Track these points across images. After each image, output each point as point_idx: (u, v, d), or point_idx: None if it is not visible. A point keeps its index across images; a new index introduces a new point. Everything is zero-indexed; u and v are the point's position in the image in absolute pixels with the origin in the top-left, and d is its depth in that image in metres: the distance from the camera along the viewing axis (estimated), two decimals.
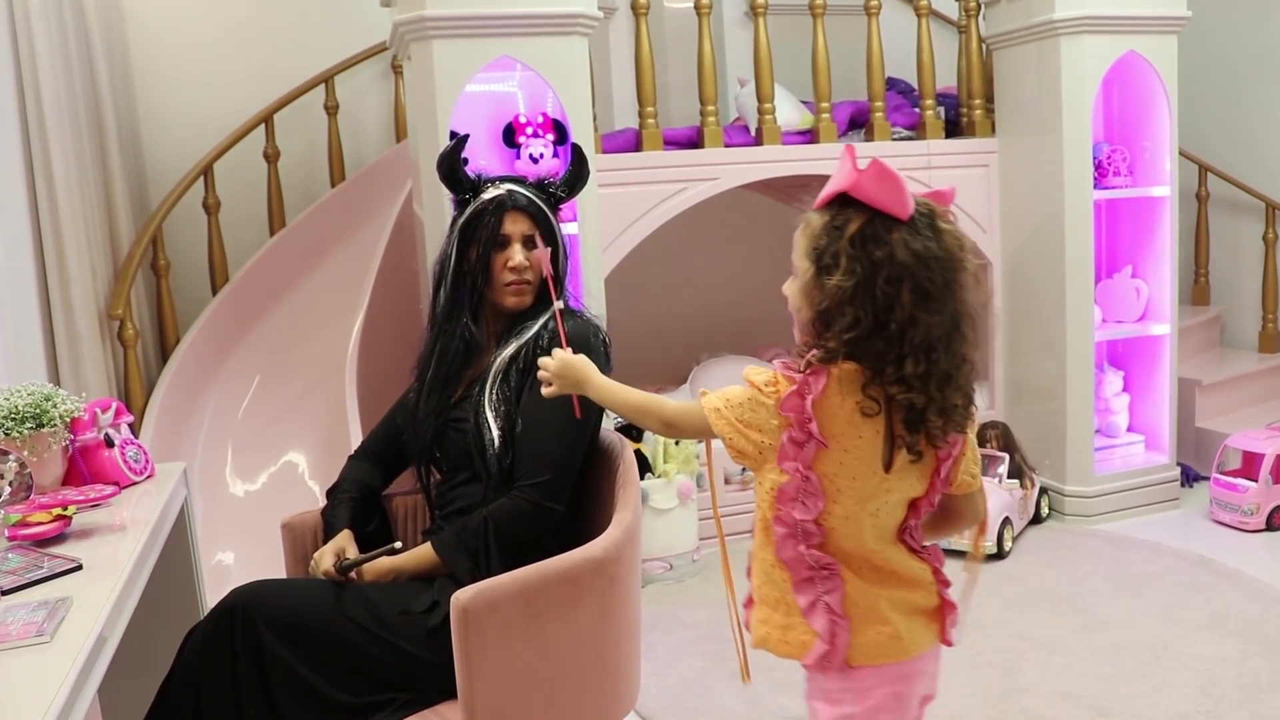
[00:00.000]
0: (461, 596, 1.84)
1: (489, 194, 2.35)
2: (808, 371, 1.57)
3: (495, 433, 2.23)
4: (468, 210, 2.36)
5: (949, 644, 1.77)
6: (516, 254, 2.32)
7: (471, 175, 2.40)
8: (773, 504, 1.66)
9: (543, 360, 1.90)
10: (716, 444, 1.69)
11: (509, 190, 2.36)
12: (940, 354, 1.55)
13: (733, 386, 1.66)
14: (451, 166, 2.38)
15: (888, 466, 1.61)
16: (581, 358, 1.89)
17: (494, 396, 2.26)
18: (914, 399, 1.55)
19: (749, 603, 1.78)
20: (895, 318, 1.52)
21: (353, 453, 2.56)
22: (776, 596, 1.70)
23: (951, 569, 1.77)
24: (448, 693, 2.04)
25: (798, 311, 1.63)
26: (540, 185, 2.43)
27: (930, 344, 1.54)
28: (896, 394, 1.55)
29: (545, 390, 1.90)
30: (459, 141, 2.43)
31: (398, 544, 2.20)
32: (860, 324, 1.53)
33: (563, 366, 1.88)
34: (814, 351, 1.58)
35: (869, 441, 1.59)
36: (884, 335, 1.53)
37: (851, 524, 1.64)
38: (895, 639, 1.67)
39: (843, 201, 1.57)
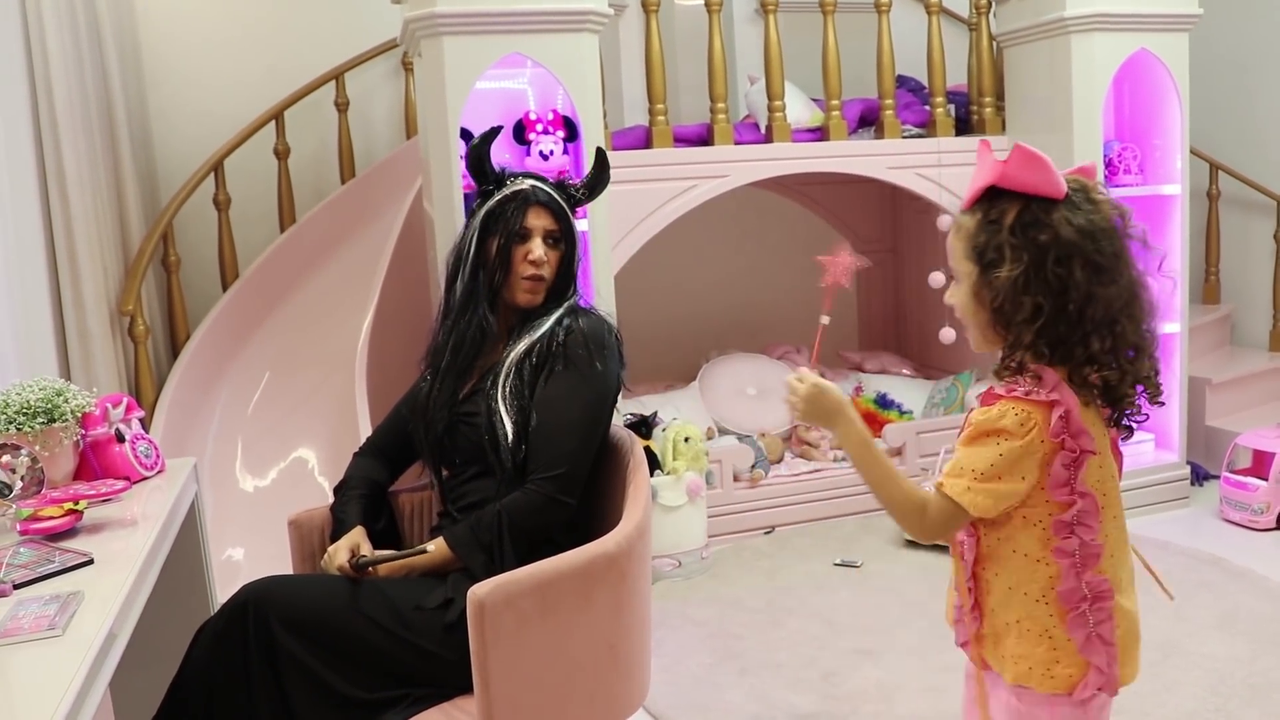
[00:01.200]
0: (479, 591, 1.85)
1: (513, 187, 2.37)
2: (1047, 387, 1.51)
3: (509, 426, 2.23)
4: (491, 200, 2.36)
5: None
6: (537, 248, 2.32)
7: (496, 168, 2.42)
8: (1048, 538, 1.57)
9: (791, 381, 1.67)
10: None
11: (533, 186, 2.37)
12: (1124, 324, 1.52)
13: (965, 453, 1.55)
14: (480, 157, 2.39)
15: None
16: (838, 391, 1.67)
17: (507, 390, 2.26)
18: (1108, 376, 1.52)
19: (979, 638, 1.68)
20: (1072, 298, 1.49)
21: (358, 450, 2.56)
22: (1038, 631, 1.59)
23: None
24: (462, 688, 2.04)
25: (972, 317, 1.59)
26: (561, 185, 2.44)
27: (1113, 317, 1.51)
28: (1089, 374, 1.52)
29: (792, 414, 1.69)
30: (490, 134, 2.46)
31: (429, 545, 2.20)
32: (1042, 310, 1.49)
33: (816, 392, 1.65)
34: (1021, 355, 1.53)
35: (1103, 433, 1.56)
36: (1065, 319, 1.50)
37: (1118, 528, 1.60)
38: (1138, 655, 1.65)
39: (991, 196, 1.54)
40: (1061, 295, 1.49)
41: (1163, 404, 1.61)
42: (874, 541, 4.22)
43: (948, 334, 4.35)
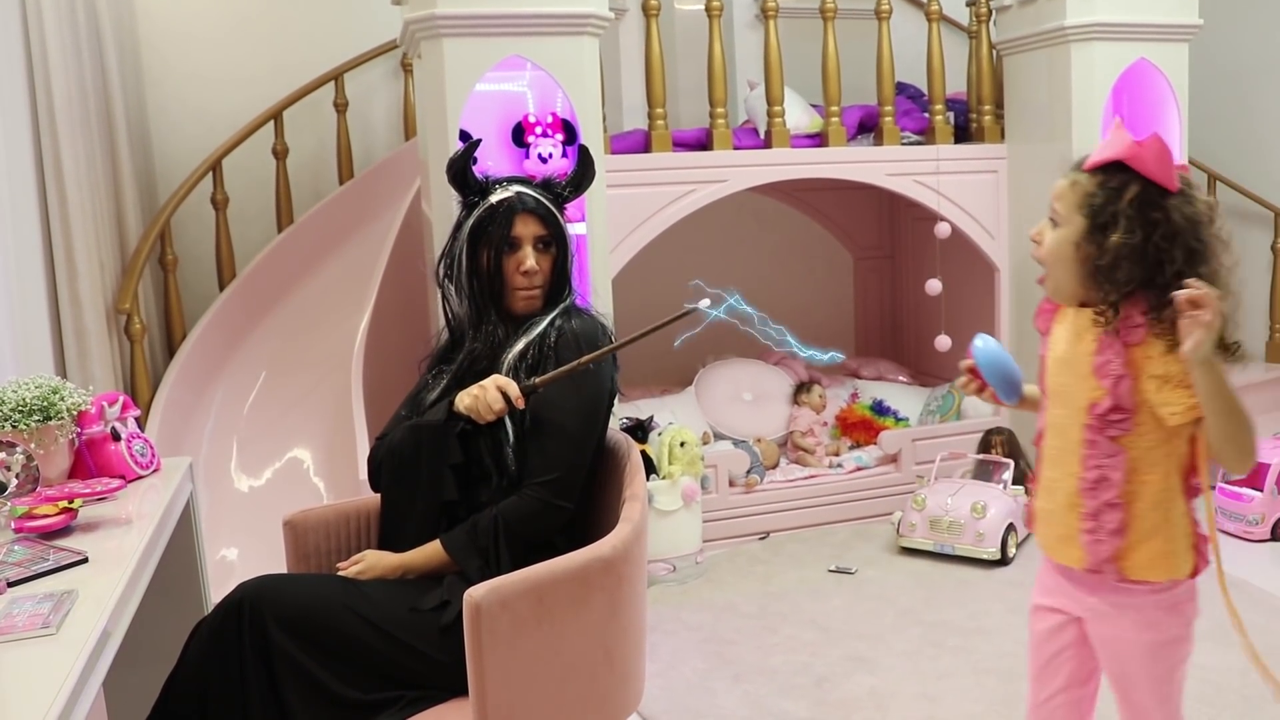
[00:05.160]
0: (475, 594, 1.84)
1: (497, 196, 2.34)
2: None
3: (509, 430, 2.22)
4: (476, 213, 2.35)
5: None
6: (529, 258, 2.31)
7: (479, 177, 2.39)
8: (1191, 428, 1.74)
9: (1204, 292, 1.58)
10: None
11: (518, 193, 2.35)
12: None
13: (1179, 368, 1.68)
14: (462, 170, 2.37)
15: None
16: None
17: None
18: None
19: (1119, 555, 1.78)
20: (1165, 273, 1.66)
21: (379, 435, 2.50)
22: (1158, 523, 1.76)
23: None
24: (456, 690, 2.04)
25: (1059, 261, 1.78)
26: (546, 185, 2.42)
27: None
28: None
29: (1195, 338, 1.59)
30: (471, 146, 2.42)
31: (704, 301, 2.23)
32: (1135, 278, 1.68)
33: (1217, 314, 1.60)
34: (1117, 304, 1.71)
35: None
36: (1155, 288, 1.67)
37: None
38: None
39: (1112, 168, 1.73)
40: (1158, 268, 1.67)
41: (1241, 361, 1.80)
42: (868, 548, 4.22)
43: (943, 341, 4.35)
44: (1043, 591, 1.95)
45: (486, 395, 2.16)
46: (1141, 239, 1.67)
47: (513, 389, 2.15)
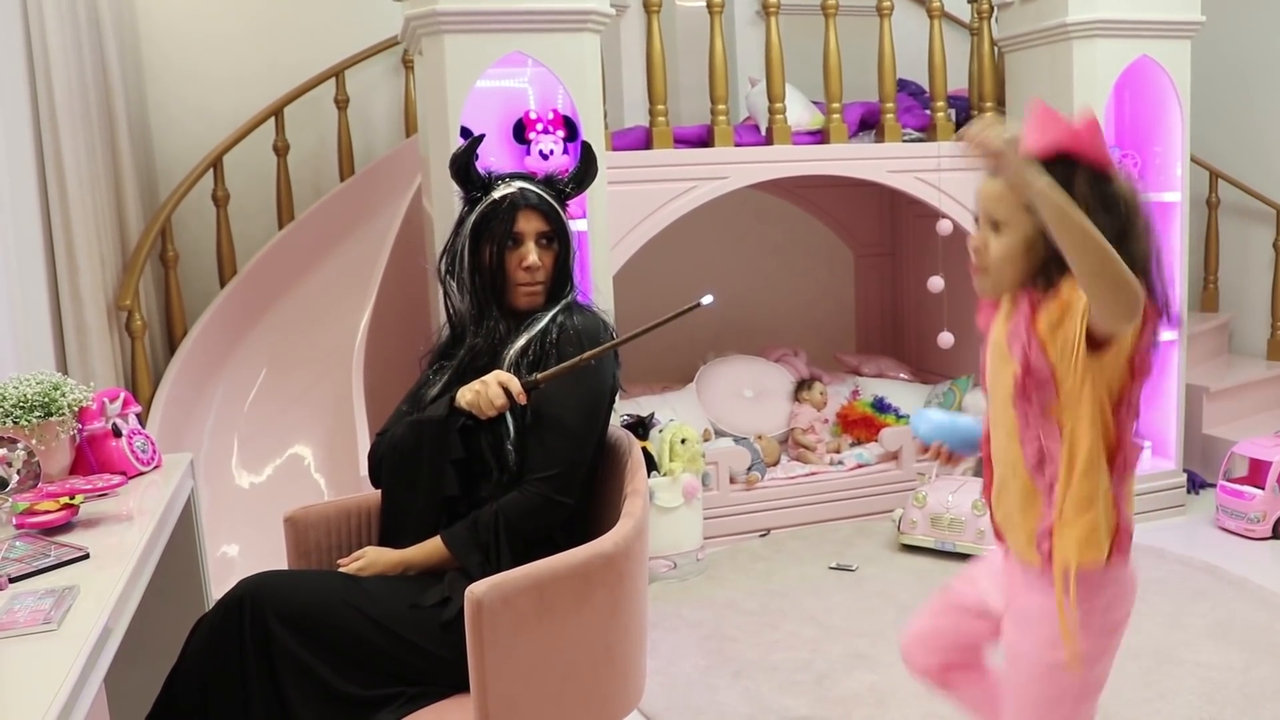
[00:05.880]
0: (476, 590, 1.84)
1: (500, 192, 2.34)
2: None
3: (510, 425, 2.22)
4: (479, 208, 2.35)
5: None
6: (531, 253, 2.31)
7: (482, 173, 2.40)
8: (1128, 378, 1.67)
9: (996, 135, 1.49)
10: None
11: (521, 188, 2.35)
12: (1155, 271, 1.67)
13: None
14: (465, 166, 2.37)
15: None
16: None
17: None
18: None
19: (1046, 535, 1.72)
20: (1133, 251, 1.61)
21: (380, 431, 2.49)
22: (1091, 495, 1.68)
23: None
24: (457, 687, 2.04)
25: (1011, 262, 1.70)
26: (549, 181, 2.42)
27: (1148, 266, 1.66)
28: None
29: (994, 158, 1.50)
30: (474, 142, 2.43)
31: (706, 298, 2.17)
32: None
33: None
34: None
35: None
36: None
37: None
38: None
39: (1051, 157, 1.62)
40: (1119, 245, 1.55)
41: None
42: (869, 545, 4.22)
43: (945, 338, 4.35)
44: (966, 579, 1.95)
45: (488, 391, 2.16)
46: (1108, 220, 1.59)
47: (514, 385, 2.15)
